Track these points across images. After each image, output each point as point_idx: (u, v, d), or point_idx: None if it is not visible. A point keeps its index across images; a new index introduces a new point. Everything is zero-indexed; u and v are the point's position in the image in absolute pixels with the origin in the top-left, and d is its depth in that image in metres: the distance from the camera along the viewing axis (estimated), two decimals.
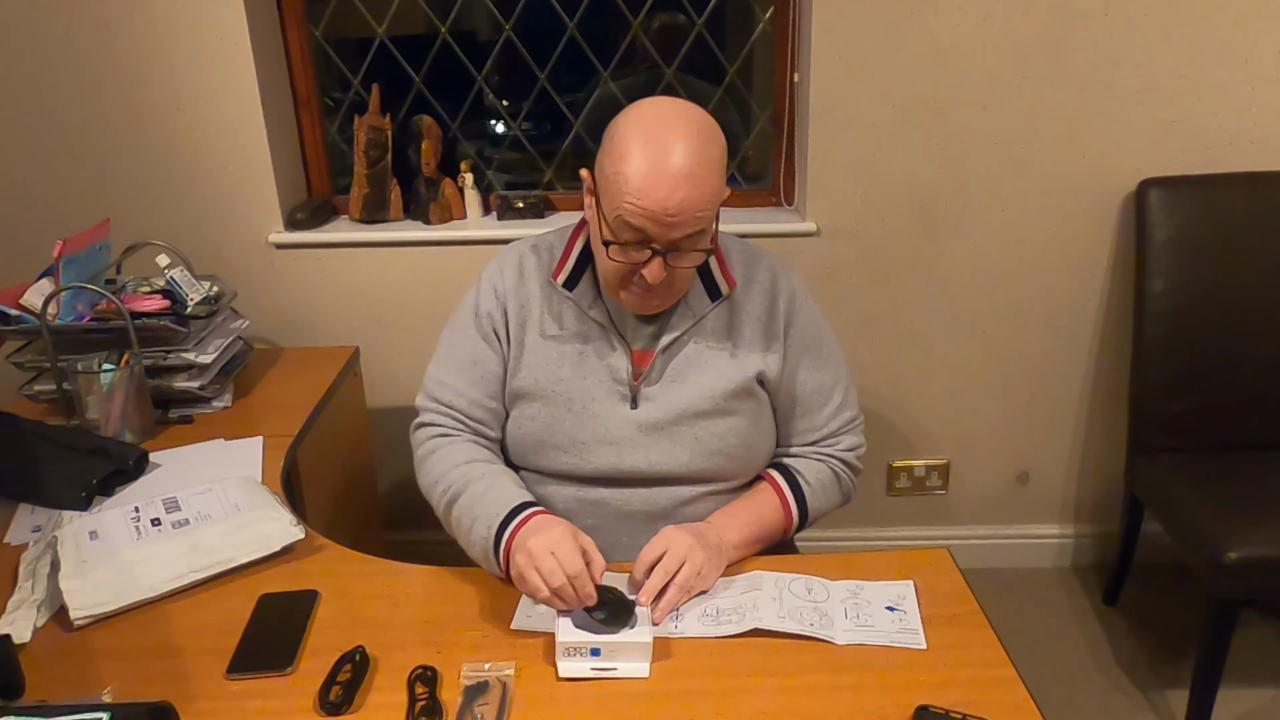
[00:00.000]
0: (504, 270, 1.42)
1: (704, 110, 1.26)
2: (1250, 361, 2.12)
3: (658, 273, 1.24)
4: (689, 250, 1.25)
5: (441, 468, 1.36)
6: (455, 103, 2.39)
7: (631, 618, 1.16)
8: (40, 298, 1.75)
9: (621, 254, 1.25)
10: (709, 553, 1.25)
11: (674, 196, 1.19)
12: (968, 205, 2.23)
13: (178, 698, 1.04)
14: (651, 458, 1.36)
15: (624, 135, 1.22)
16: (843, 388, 1.45)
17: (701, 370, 1.36)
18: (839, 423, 1.45)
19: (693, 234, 1.23)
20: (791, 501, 1.39)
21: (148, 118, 2.19)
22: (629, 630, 1.13)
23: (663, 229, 1.21)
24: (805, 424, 1.44)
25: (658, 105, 1.25)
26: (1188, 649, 2.03)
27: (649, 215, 1.20)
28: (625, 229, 1.23)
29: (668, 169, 1.19)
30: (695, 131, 1.21)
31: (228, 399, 1.87)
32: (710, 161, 1.22)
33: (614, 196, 1.22)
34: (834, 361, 1.45)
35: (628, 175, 1.20)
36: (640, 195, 1.19)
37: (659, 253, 1.23)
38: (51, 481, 1.53)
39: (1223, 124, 2.15)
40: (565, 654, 1.12)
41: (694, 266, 1.29)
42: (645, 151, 1.20)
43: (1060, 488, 2.50)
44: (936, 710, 1.03)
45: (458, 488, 1.33)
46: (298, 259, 2.31)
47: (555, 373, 1.37)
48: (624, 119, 1.25)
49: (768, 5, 2.26)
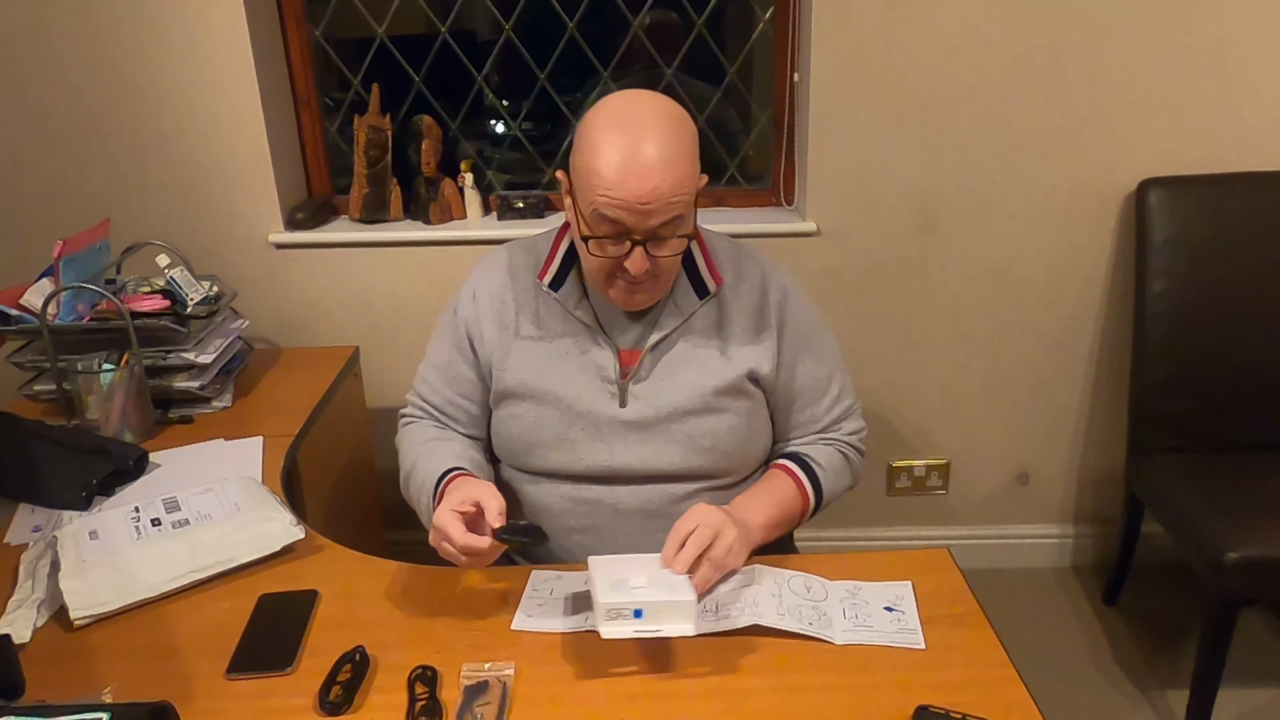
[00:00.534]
0: (488, 273, 1.44)
1: (671, 99, 1.27)
2: (1250, 361, 2.12)
3: (640, 263, 1.25)
4: (669, 238, 1.25)
5: (404, 448, 1.45)
6: (455, 103, 2.39)
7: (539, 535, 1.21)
8: (40, 298, 1.75)
9: (600, 248, 1.26)
10: (740, 530, 1.24)
11: (646, 185, 1.20)
12: (968, 205, 2.23)
13: (178, 698, 1.04)
14: (642, 456, 1.36)
15: (593, 130, 1.23)
16: (839, 377, 1.47)
17: (690, 368, 1.37)
18: (839, 410, 1.46)
19: (669, 220, 1.23)
20: (806, 483, 1.40)
21: (148, 118, 2.19)
22: (671, 590, 1.12)
23: (639, 218, 1.22)
24: (806, 416, 1.45)
25: (623, 97, 1.26)
26: (1188, 649, 2.03)
27: (624, 206, 1.21)
28: (602, 222, 1.24)
29: (638, 158, 1.19)
30: (663, 119, 1.22)
31: (228, 399, 1.87)
32: (681, 148, 1.22)
33: (588, 191, 1.23)
34: (829, 353, 1.46)
35: (599, 169, 1.21)
36: (613, 186, 1.20)
37: (638, 243, 1.24)
38: (51, 481, 1.53)
39: (1223, 124, 2.15)
40: (608, 617, 1.10)
41: (677, 255, 1.29)
42: (615, 143, 1.21)
43: (1060, 488, 2.50)
44: (936, 710, 1.03)
45: (409, 466, 1.41)
46: (298, 259, 2.31)
47: (542, 372, 1.37)
48: (592, 114, 1.26)
49: (768, 5, 2.26)
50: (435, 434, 1.44)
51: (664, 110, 1.24)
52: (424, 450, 1.40)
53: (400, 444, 1.47)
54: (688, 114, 1.27)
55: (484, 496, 1.21)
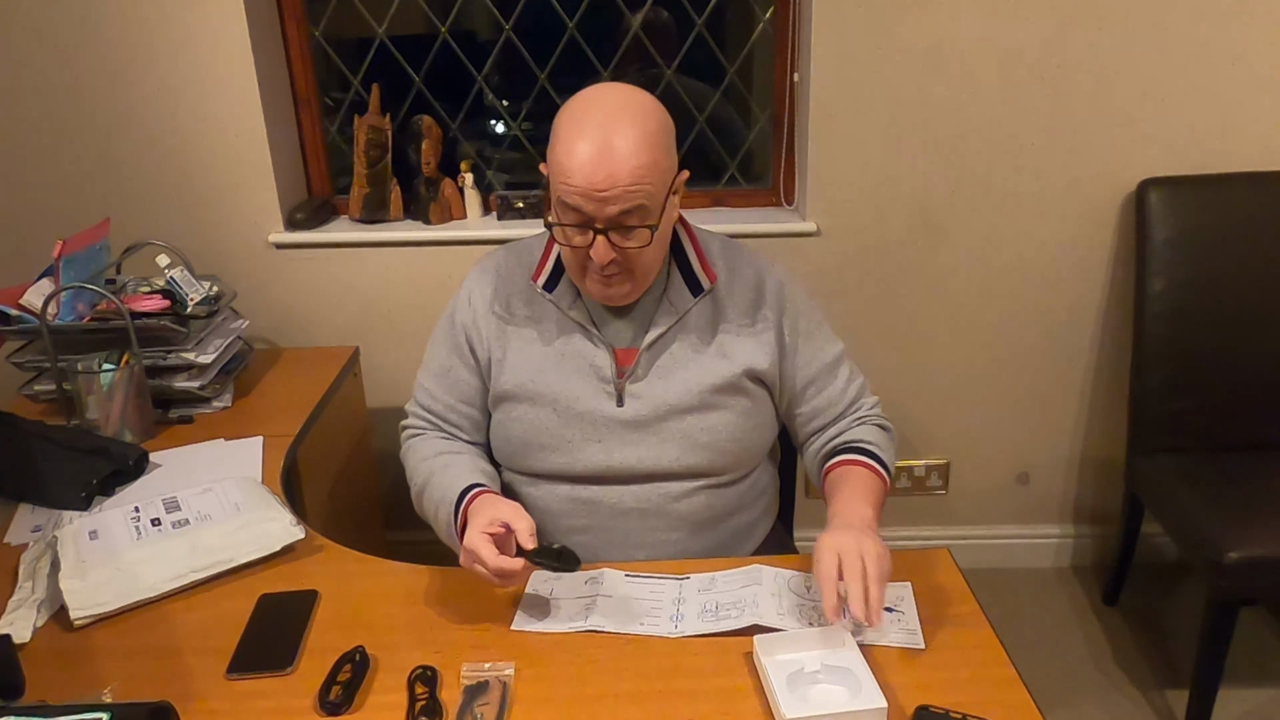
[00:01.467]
0: (483, 277, 1.44)
1: (644, 92, 1.27)
2: (1250, 361, 2.12)
3: (604, 253, 1.25)
4: (634, 228, 1.24)
5: (413, 462, 1.42)
6: (455, 103, 2.39)
7: (575, 561, 1.17)
8: (40, 298, 1.75)
9: (565, 236, 1.27)
10: (869, 535, 1.19)
11: (600, 171, 1.20)
12: (968, 205, 2.23)
13: (178, 698, 1.04)
14: (640, 454, 1.36)
15: (559, 122, 1.25)
16: (846, 360, 1.47)
17: (687, 366, 1.36)
18: (855, 389, 1.46)
19: (630, 209, 1.23)
20: (872, 461, 1.37)
21: (148, 118, 2.19)
22: (860, 695, 1.04)
23: (597, 205, 1.22)
24: (824, 400, 1.44)
25: (590, 91, 1.27)
26: (1188, 649, 2.03)
27: (580, 193, 1.21)
28: (565, 210, 1.25)
29: (596, 146, 1.20)
30: (623, 107, 1.23)
31: (228, 399, 1.87)
32: (646, 136, 1.22)
33: (555, 181, 1.25)
34: (832, 340, 1.46)
35: (559, 157, 1.22)
36: (570, 174, 1.21)
37: (599, 231, 1.24)
38: (51, 481, 1.53)
39: (1223, 124, 2.15)
40: None
41: (643, 246, 1.26)
42: (573, 132, 1.22)
43: (1060, 488, 2.50)
44: (936, 710, 1.03)
45: (422, 481, 1.37)
46: (298, 259, 2.31)
47: (538, 374, 1.37)
48: (563, 108, 1.27)
49: (768, 5, 2.26)
50: (443, 446, 1.42)
51: (629, 101, 1.24)
52: (436, 465, 1.38)
53: (407, 458, 1.44)
54: (660, 107, 1.27)
55: (512, 517, 1.19)
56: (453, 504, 1.29)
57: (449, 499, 1.30)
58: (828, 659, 1.09)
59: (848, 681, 1.07)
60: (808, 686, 1.07)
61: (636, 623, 1.20)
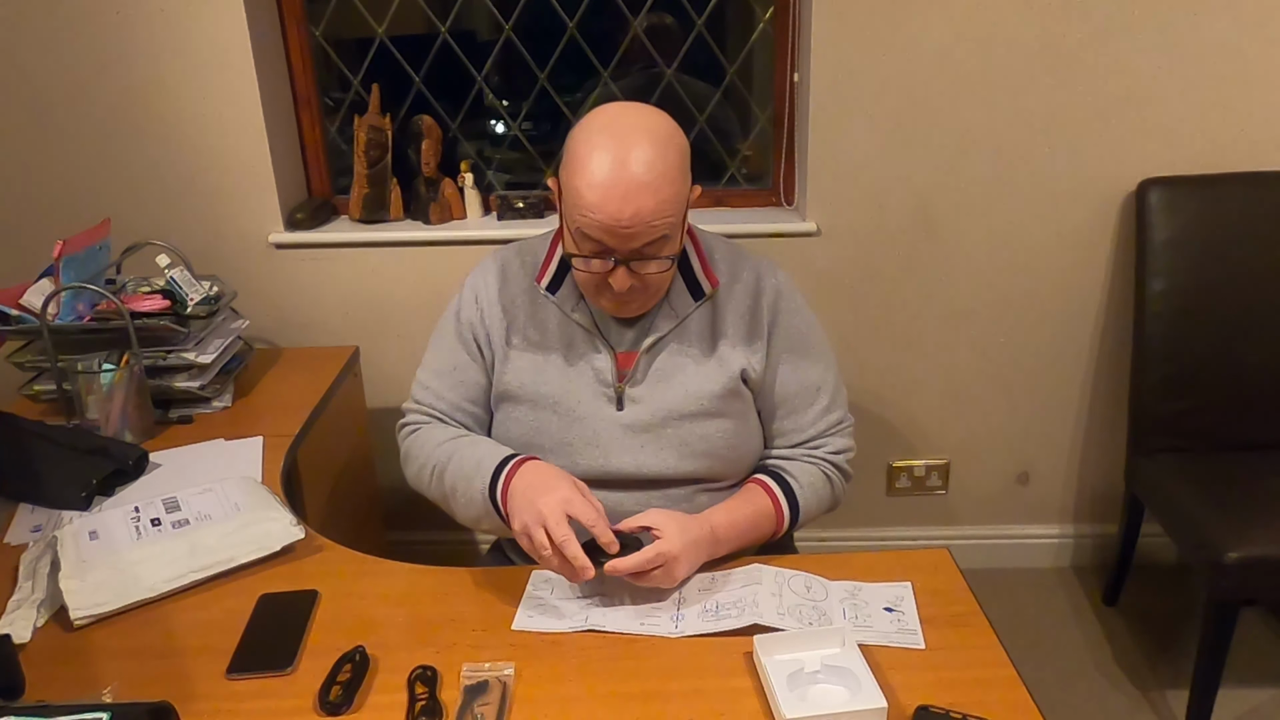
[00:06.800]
0: (487, 276, 1.43)
1: (662, 113, 1.25)
2: (1250, 361, 2.12)
3: (624, 281, 1.24)
4: (653, 257, 1.24)
5: (425, 450, 1.38)
6: (455, 103, 2.39)
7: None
8: (40, 298, 1.75)
9: (585, 265, 1.25)
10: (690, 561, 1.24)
11: (627, 209, 1.18)
12: (968, 205, 2.23)
13: (178, 698, 1.04)
14: (639, 459, 1.36)
15: (578, 146, 1.22)
16: (830, 389, 1.43)
17: (686, 371, 1.36)
18: (826, 424, 1.43)
19: (654, 241, 1.22)
20: (782, 499, 1.38)
21: (148, 118, 2.19)
22: (860, 695, 1.04)
23: (621, 240, 1.21)
24: (791, 424, 1.42)
25: (610, 113, 1.24)
26: (1188, 649, 2.03)
27: (604, 228, 1.20)
28: (585, 241, 1.23)
29: (621, 180, 1.18)
30: (649, 138, 1.20)
31: (228, 399, 1.87)
32: (668, 169, 1.20)
33: (572, 209, 1.23)
34: (822, 362, 1.43)
35: (581, 189, 1.20)
36: (594, 209, 1.19)
37: (620, 262, 1.23)
38: (51, 481, 1.53)
39: (1222, 124, 2.15)
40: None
41: (664, 273, 1.28)
42: (599, 162, 1.19)
43: (1060, 488, 2.50)
44: (936, 710, 1.03)
45: (443, 460, 1.35)
46: (298, 259, 2.31)
47: (540, 375, 1.37)
48: (579, 129, 1.24)
49: (768, 5, 2.26)
50: (458, 431, 1.40)
51: (652, 127, 1.22)
52: (461, 444, 1.35)
53: (413, 449, 1.41)
54: (677, 128, 1.25)
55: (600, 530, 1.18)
56: (492, 467, 1.27)
57: (485, 465, 1.28)
58: (828, 659, 1.09)
59: (848, 681, 1.07)
60: (808, 686, 1.07)
61: (636, 623, 1.20)
